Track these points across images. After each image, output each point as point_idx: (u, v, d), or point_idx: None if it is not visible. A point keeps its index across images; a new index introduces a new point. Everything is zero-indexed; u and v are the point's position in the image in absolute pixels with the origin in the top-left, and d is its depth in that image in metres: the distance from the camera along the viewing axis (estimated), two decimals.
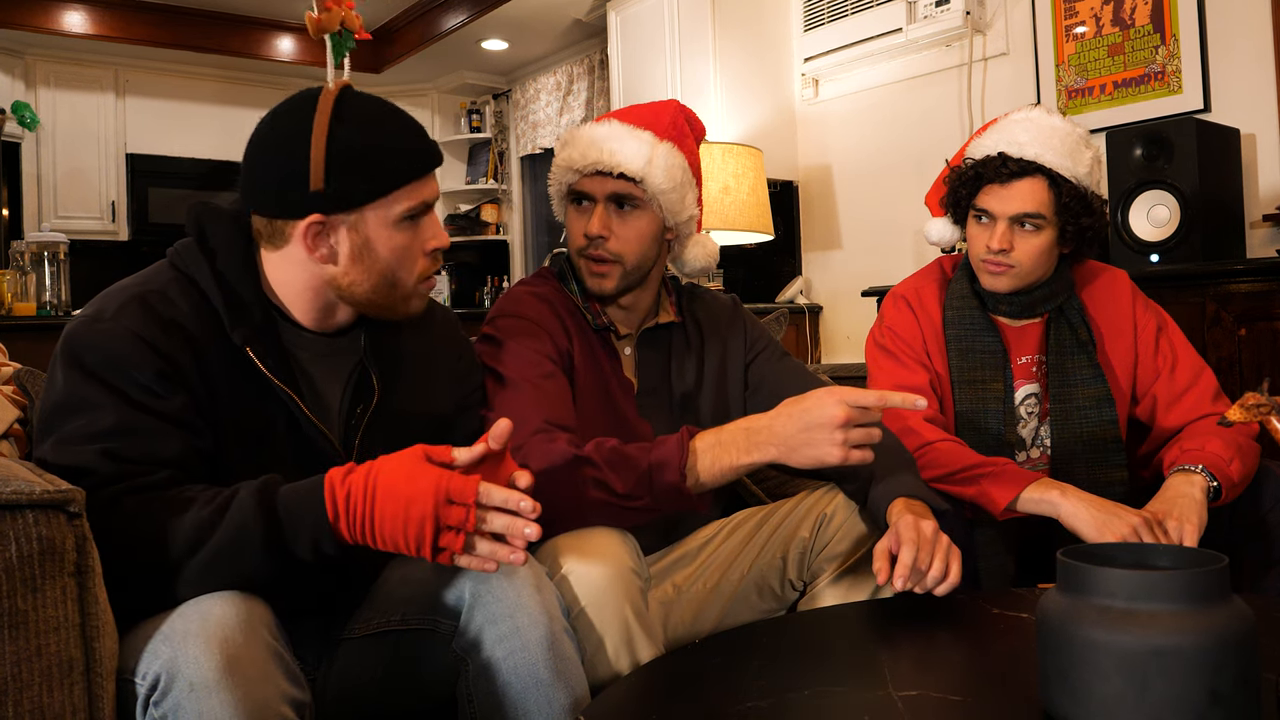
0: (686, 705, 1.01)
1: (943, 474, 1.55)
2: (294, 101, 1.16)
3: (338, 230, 1.14)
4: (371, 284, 1.17)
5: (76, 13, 5.44)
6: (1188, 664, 0.80)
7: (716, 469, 1.26)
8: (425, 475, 0.99)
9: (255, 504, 1.00)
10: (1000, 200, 1.62)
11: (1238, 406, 1.36)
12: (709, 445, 1.27)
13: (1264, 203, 2.83)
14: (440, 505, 0.98)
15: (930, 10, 3.54)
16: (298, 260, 1.16)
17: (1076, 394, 1.66)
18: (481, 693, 1.09)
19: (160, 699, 0.91)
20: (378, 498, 0.99)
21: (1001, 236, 1.61)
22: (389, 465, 1.01)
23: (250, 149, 1.17)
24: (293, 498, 1.01)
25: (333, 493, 1.00)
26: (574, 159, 1.47)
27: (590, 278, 1.50)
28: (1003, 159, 1.60)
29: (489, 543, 1.02)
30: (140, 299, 1.10)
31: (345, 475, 1.02)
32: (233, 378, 1.13)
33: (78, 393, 1.06)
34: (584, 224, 1.49)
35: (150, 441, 1.06)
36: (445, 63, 6.08)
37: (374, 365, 1.24)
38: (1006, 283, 1.65)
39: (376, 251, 1.16)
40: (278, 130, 1.14)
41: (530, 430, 1.32)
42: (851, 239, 4.03)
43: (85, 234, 5.68)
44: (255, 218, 1.17)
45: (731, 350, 1.61)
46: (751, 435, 1.26)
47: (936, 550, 1.24)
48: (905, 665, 1.07)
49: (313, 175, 1.10)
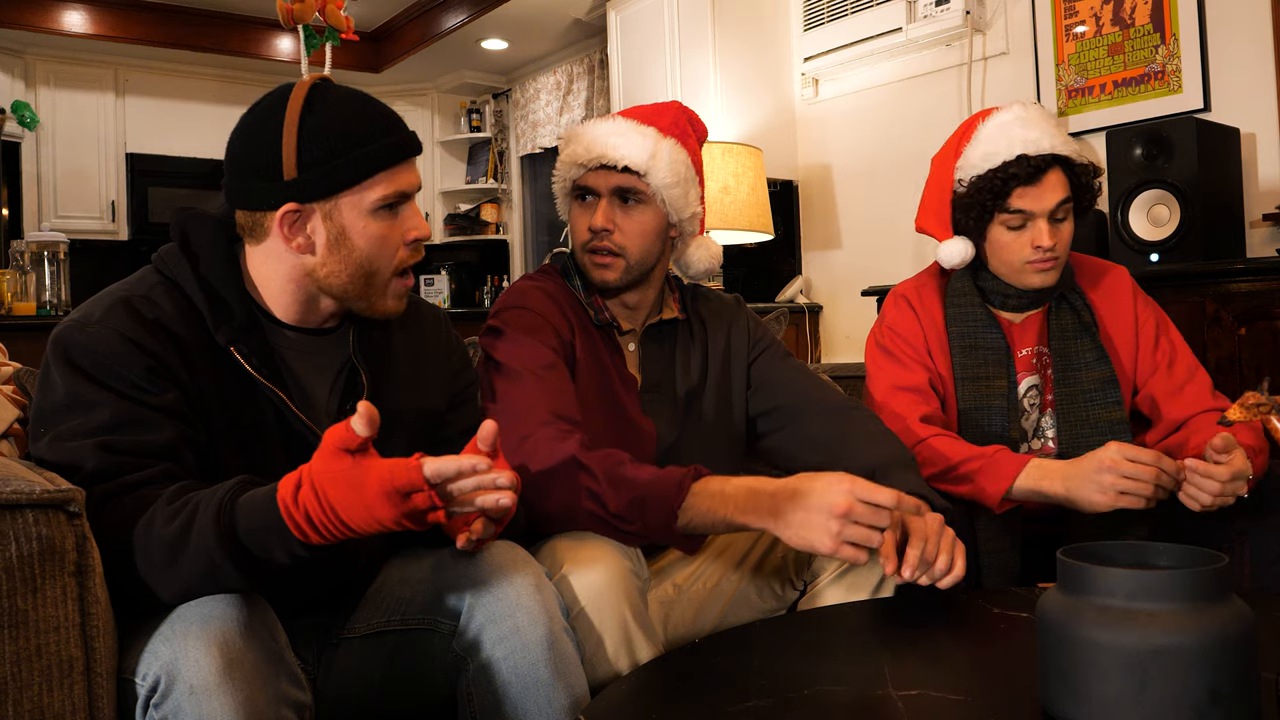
0: (686, 705, 1.01)
1: (938, 471, 1.56)
2: (268, 96, 1.17)
3: (313, 218, 1.14)
4: (349, 274, 1.17)
5: (76, 12, 5.43)
6: (1188, 663, 0.80)
7: (710, 519, 1.23)
8: (368, 479, 0.93)
9: (214, 531, 0.96)
10: (1036, 199, 1.62)
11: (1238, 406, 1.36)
12: (710, 493, 1.23)
13: (1264, 202, 2.83)
14: (400, 503, 0.94)
15: (930, 10, 3.54)
16: (277, 253, 1.17)
17: (1081, 377, 1.67)
18: (481, 692, 1.09)
19: (160, 701, 0.91)
20: (338, 509, 0.94)
21: (1049, 233, 1.62)
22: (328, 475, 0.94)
23: (229, 146, 1.17)
24: (251, 518, 0.96)
25: (290, 515, 0.95)
26: (578, 154, 1.49)
27: (594, 269, 1.51)
28: (1024, 159, 1.61)
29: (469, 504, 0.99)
30: (125, 302, 1.11)
31: (295, 493, 0.95)
32: (220, 378, 1.13)
33: (74, 391, 1.07)
34: (588, 219, 1.50)
35: (144, 432, 1.06)
36: (445, 62, 6.08)
37: (362, 362, 1.24)
38: (1054, 276, 1.67)
39: (353, 240, 1.15)
40: (252, 125, 1.15)
41: (538, 420, 1.32)
42: (851, 238, 4.03)
43: (85, 234, 5.69)
44: (238, 213, 1.18)
45: (735, 348, 1.61)
46: (753, 498, 1.22)
47: (943, 543, 1.24)
48: (905, 665, 1.07)
49: (285, 165, 1.11)
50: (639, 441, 1.48)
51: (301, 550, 0.98)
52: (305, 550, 0.98)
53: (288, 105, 1.12)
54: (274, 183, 1.12)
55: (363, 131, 1.14)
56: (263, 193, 1.13)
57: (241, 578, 0.98)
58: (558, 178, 1.55)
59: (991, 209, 1.64)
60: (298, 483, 0.95)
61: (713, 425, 1.57)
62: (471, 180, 6.54)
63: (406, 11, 5.73)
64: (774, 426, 1.58)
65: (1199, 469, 1.41)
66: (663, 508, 1.22)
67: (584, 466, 1.26)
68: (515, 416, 1.34)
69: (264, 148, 1.12)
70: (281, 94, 1.15)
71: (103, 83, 5.86)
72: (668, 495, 1.22)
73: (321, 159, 1.12)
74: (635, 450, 1.45)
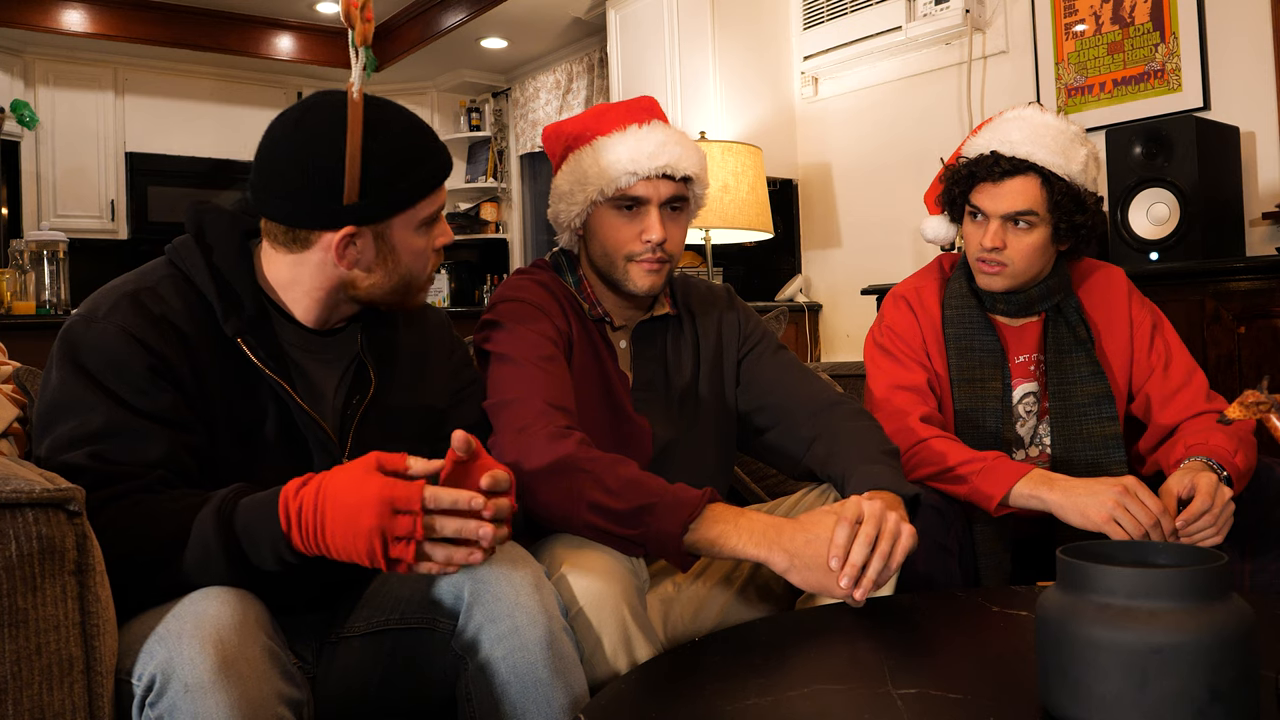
0: (686, 704, 1.01)
1: (935, 471, 1.56)
2: (315, 111, 1.16)
3: (365, 237, 1.17)
4: (391, 285, 1.21)
5: (76, 11, 5.43)
6: (1187, 662, 0.80)
7: (718, 545, 1.21)
8: (370, 485, 0.97)
9: (214, 520, 1.00)
10: (993, 199, 1.63)
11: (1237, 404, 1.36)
12: (724, 518, 1.22)
13: (1263, 200, 2.83)
14: (386, 516, 0.96)
15: (930, 8, 3.53)
16: (316, 264, 1.18)
17: (1075, 392, 1.67)
18: (480, 692, 1.09)
19: (156, 700, 0.91)
20: (326, 511, 0.97)
21: (994, 235, 1.62)
22: (338, 477, 0.99)
23: (269, 158, 1.16)
24: (250, 513, 1.01)
25: (285, 507, 0.99)
26: (639, 162, 1.43)
27: (644, 278, 1.48)
28: (995, 157, 1.62)
29: (444, 548, 0.99)
30: (132, 296, 1.12)
31: (299, 488, 1.00)
32: (224, 371, 1.14)
33: (72, 393, 1.08)
34: (636, 228, 1.46)
35: (138, 444, 1.07)
36: (445, 61, 6.07)
37: (371, 359, 1.26)
38: (1001, 283, 1.66)
39: (400, 256, 1.20)
40: (302, 142, 1.15)
41: (535, 411, 1.32)
42: (851, 237, 4.03)
43: (84, 233, 5.68)
44: (271, 223, 1.18)
45: (726, 344, 1.61)
46: (770, 530, 1.21)
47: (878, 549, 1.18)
48: (905, 664, 1.07)
49: (348, 189, 1.13)
50: (636, 439, 1.48)
51: (288, 553, 1.00)
52: (291, 554, 1.00)
53: (348, 128, 1.12)
54: (333, 205, 1.13)
55: (416, 156, 1.18)
56: (319, 213, 1.14)
57: (229, 570, 1.00)
58: (592, 185, 1.46)
59: (961, 199, 1.68)
60: (305, 480, 1.00)
61: (706, 422, 1.57)
62: (471, 179, 6.54)
63: (406, 10, 5.73)
64: (766, 424, 1.57)
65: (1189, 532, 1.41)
66: (673, 517, 1.21)
67: (584, 469, 1.25)
68: (513, 406, 1.34)
69: (322, 171, 1.13)
70: (329, 111, 1.14)
71: (102, 82, 5.86)
72: (681, 504, 1.22)
73: (382, 184, 1.14)
74: (632, 448, 1.45)
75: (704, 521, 1.22)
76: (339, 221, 1.14)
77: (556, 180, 1.53)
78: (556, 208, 1.53)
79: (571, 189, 1.49)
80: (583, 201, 1.48)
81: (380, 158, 1.14)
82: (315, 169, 1.13)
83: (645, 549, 1.24)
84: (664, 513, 1.21)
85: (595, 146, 1.47)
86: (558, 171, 1.54)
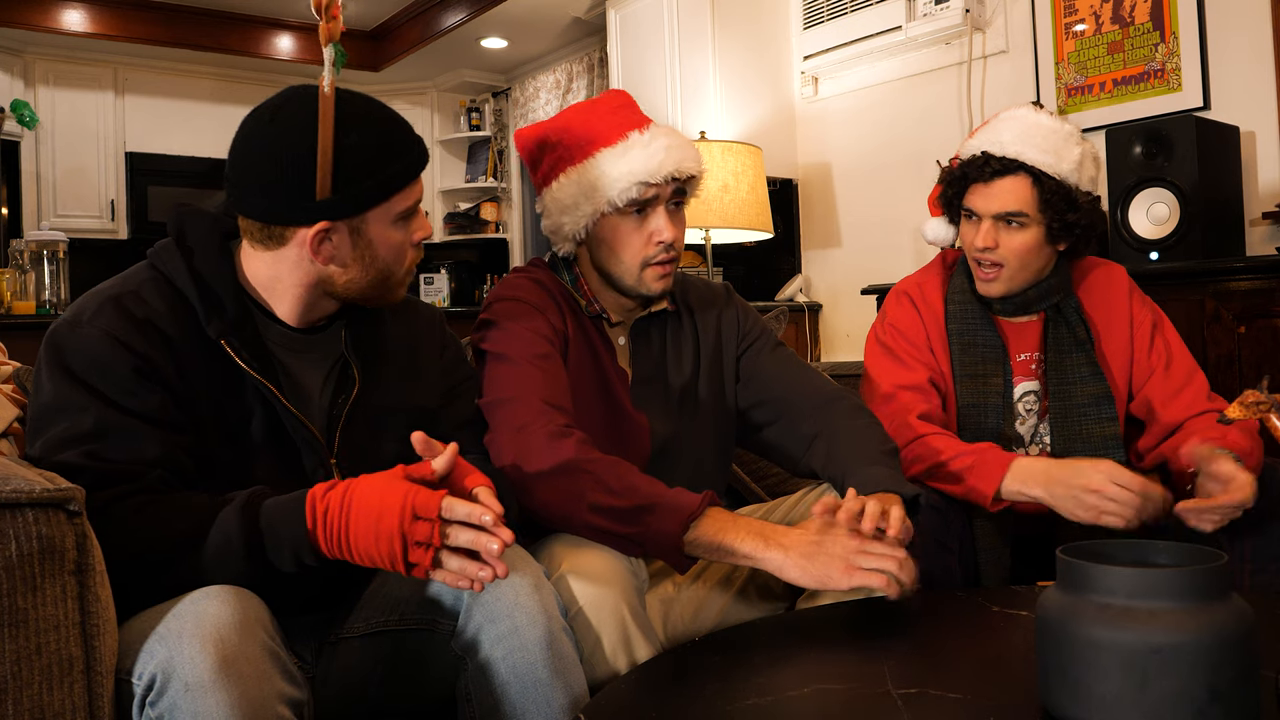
0: (685, 703, 1.01)
1: (929, 467, 1.56)
2: (288, 106, 1.15)
3: (340, 232, 1.16)
4: (368, 280, 1.20)
5: (76, 11, 5.43)
6: (1187, 661, 0.80)
7: (717, 541, 1.22)
8: (394, 491, 1.00)
9: (238, 517, 1.03)
10: (984, 199, 1.65)
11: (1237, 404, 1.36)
12: (723, 520, 1.24)
13: (1263, 200, 2.83)
14: (407, 521, 0.99)
15: (930, 8, 3.53)
16: (292, 260, 1.17)
17: (1075, 392, 1.67)
18: (480, 692, 1.09)
19: (156, 699, 0.91)
20: (351, 514, 1.01)
21: (986, 234, 1.64)
22: (366, 482, 1.03)
23: (243, 153, 1.16)
24: (276, 512, 1.03)
25: (313, 508, 1.02)
26: (651, 173, 1.43)
27: (658, 281, 1.48)
28: (985, 158, 1.63)
29: (459, 559, 1.02)
30: (115, 300, 1.13)
31: (326, 491, 1.03)
32: (210, 373, 1.14)
33: (61, 396, 1.08)
34: (646, 231, 1.46)
35: (133, 443, 1.07)
36: (444, 61, 6.07)
37: (355, 358, 1.25)
38: (999, 288, 1.67)
39: (376, 250, 1.18)
40: (276, 136, 1.14)
41: (534, 410, 1.32)
42: (851, 237, 4.03)
43: (84, 233, 5.68)
44: (246, 220, 1.18)
45: (725, 340, 1.60)
46: (766, 529, 1.23)
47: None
48: (905, 663, 1.07)
49: (320, 184, 1.12)
50: (634, 435, 1.48)
51: (308, 554, 1.02)
52: (312, 556, 1.02)
53: (319, 123, 1.12)
54: (306, 200, 1.13)
55: (391, 149, 1.17)
56: (292, 209, 1.14)
57: (247, 568, 1.02)
58: (612, 191, 1.44)
59: (956, 200, 1.70)
60: (332, 484, 1.03)
61: (705, 419, 1.57)
62: (471, 179, 6.54)
63: (406, 10, 5.73)
64: (767, 419, 1.57)
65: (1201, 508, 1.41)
66: (674, 517, 1.21)
67: (586, 470, 1.26)
68: (509, 405, 1.34)
69: (294, 165, 1.12)
70: (302, 105, 1.14)
71: (102, 82, 5.85)
72: (682, 506, 1.22)
73: (356, 179, 1.14)
74: (630, 444, 1.45)
75: (704, 523, 1.22)
76: (312, 217, 1.14)
77: (554, 193, 1.49)
78: (558, 220, 1.49)
79: (577, 202, 1.46)
80: (590, 213, 1.46)
81: (353, 152, 1.13)
82: (288, 164, 1.12)
83: (644, 548, 1.24)
84: (665, 513, 1.22)
85: (599, 159, 1.45)
86: (551, 182, 1.50)
